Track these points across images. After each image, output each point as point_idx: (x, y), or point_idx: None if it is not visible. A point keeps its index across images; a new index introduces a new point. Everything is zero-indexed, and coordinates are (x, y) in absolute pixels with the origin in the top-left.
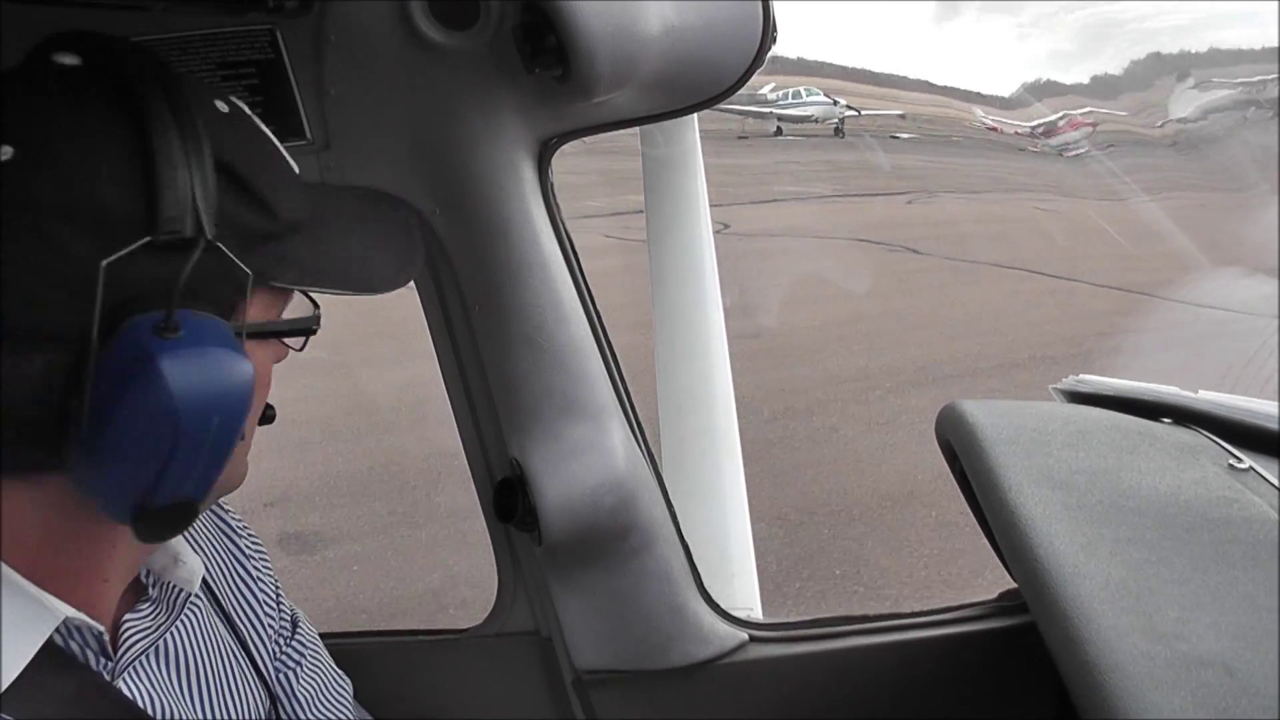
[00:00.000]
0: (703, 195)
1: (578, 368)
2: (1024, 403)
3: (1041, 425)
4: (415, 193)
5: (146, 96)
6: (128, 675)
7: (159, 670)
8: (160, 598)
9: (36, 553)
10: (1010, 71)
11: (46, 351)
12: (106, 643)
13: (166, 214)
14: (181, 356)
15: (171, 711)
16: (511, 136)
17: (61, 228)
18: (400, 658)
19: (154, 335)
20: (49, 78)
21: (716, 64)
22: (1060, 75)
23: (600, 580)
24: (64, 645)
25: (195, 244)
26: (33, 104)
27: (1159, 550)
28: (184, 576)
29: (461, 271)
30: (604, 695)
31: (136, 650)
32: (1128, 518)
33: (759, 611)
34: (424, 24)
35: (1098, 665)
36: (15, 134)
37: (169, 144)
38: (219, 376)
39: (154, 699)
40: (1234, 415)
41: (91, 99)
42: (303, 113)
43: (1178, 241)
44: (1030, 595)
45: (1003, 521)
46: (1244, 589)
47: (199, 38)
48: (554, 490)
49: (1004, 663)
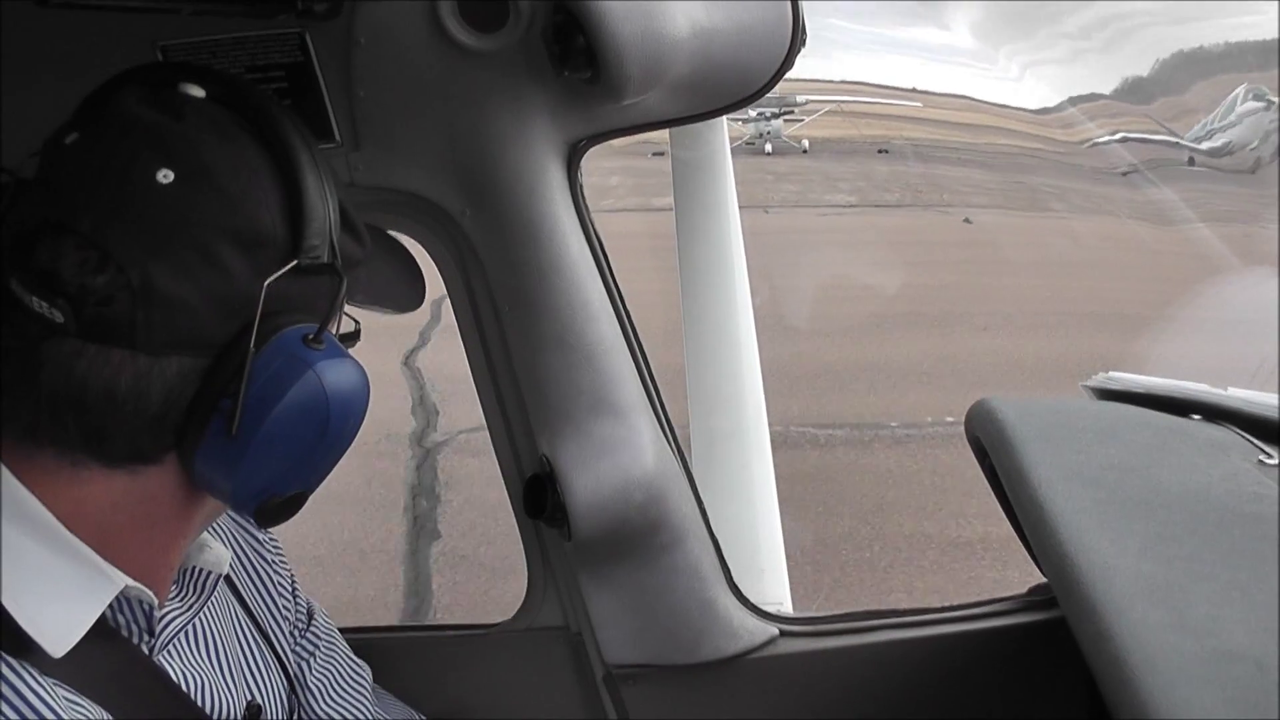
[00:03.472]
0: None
1: (607, 366)
2: (1054, 399)
3: (1071, 422)
4: (445, 194)
5: (280, 129)
6: (166, 654)
7: (192, 650)
8: (186, 582)
9: (115, 535)
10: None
11: (185, 355)
12: (156, 618)
13: (311, 241)
14: (330, 364)
15: (206, 689)
16: (541, 138)
17: (222, 246)
18: (429, 652)
19: (305, 345)
20: (183, 106)
21: (745, 66)
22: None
23: (630, 576)
24: (112, 619)
25: (331, 269)
26: (184, 132)
27: (1189, 546)
28: (211, 561)
29: (491, 272)
30: (634, 690)
31: (173, 629)
32: (1158, 514)
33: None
34: (453, 26)
35: (1128, 660)
36: (170, 158)
37: (309, 175)
38: (356, 381)
39: (189, 677)
40: (1264, 412)
41: (235, 130)
42: (332, 115)
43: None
44: (1060, 591)
45: (1032, 518)
46: (1274, 584)
47: (228, 41)
48: (583, 486)
49: (1034, 658)
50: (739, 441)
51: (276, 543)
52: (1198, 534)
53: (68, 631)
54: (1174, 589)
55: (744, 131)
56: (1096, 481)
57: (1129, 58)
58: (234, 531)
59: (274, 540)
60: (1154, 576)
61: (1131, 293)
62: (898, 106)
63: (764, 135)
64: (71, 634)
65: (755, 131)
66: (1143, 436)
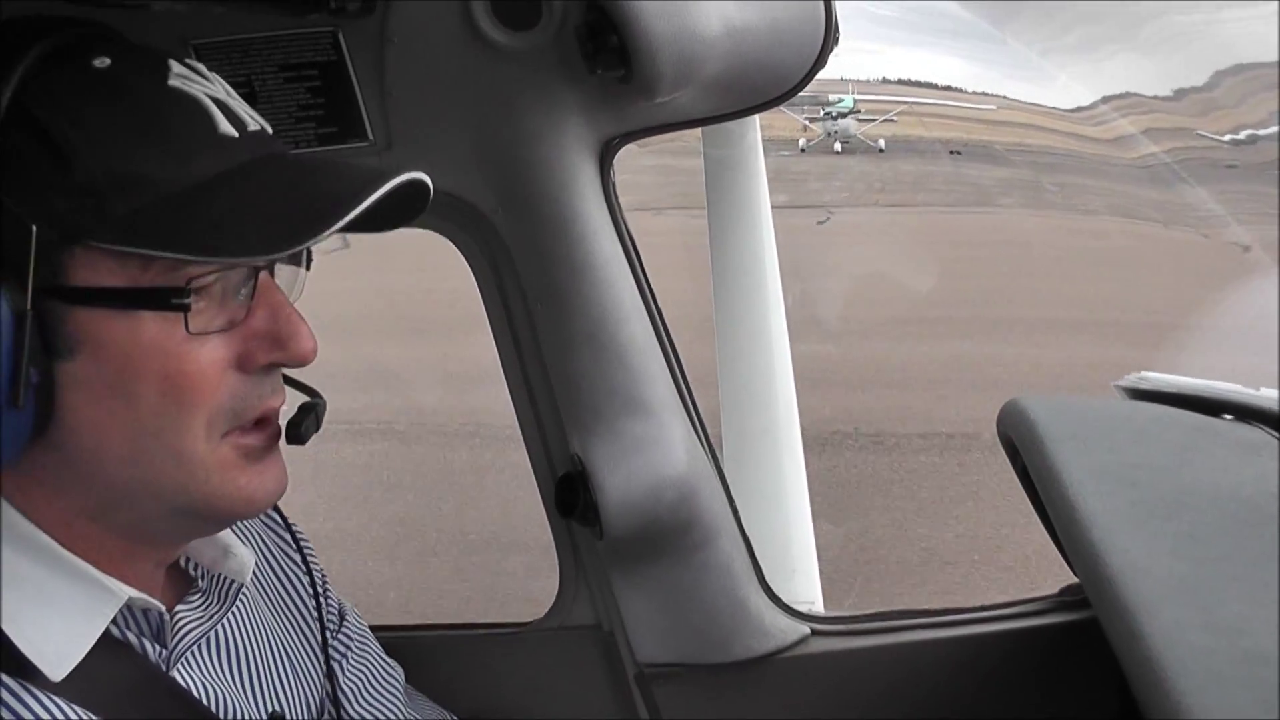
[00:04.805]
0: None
1: (639, 365)
2: (1086, 399)
3: (1103, 421)
4: (477, 192)
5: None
6: (181, 665)
7: (211, 661)
8: (210, 589)
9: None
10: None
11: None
12: (167, 626)
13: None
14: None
15: (225, 702)
16: (573, 136)
17: None
18: (460, 651)
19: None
20: None
21: (778, 65)
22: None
23: (662, 574)
24: (120, 634)
25: None
26: None
27: (1221, 546)
28: (235, 568)
29: (523, 270)
30: (666, 689)
31: (190, 640)
32: (1189, 514)
33: (820, 605)
34: (486, 24)
35: (1159, 661)
36: None
37: None
38: None
39: (207, 689)
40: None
41: None
42: (365, 113)
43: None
44: (1092, 590)
45: (1064, 517)
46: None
47: (261, 39)
48: (615, 485)
49: (1066, 658)
50: (771, 440)
51: (307, 542)
52: (1229, 534)
53: (70, 651)
54: (1205, 589)
55: (816, 131)
56: (1128, 481)
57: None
58: (262, 534)
59: (306, 541)
60: (1186, 576)
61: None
62: (970, 109)
63: (832, 134)
64: (73, 653)
65: (824, 130)
66: (1174, 436)
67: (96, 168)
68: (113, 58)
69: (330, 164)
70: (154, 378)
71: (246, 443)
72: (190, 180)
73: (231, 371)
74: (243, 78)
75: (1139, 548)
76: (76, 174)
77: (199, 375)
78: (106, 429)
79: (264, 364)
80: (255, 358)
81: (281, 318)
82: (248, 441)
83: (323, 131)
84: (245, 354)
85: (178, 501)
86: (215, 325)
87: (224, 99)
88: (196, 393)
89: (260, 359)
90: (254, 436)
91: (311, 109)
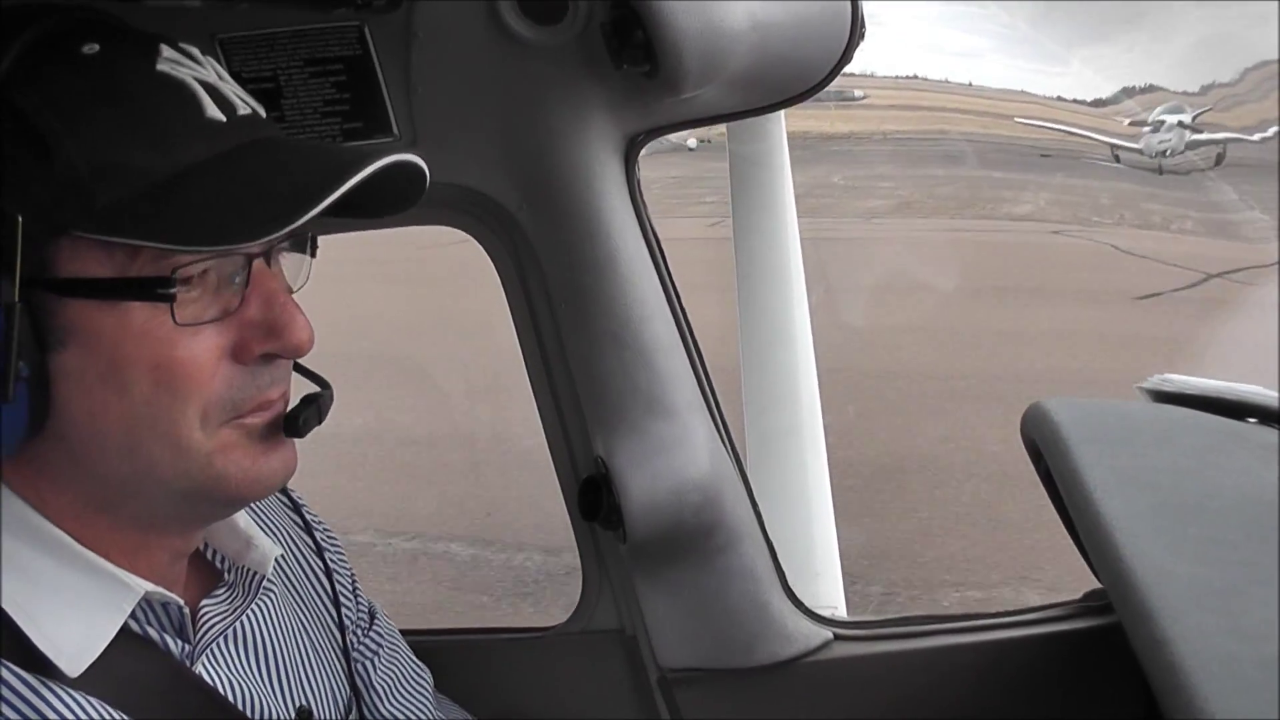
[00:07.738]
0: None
1: (663, 365)
2: (1109, 402)
3: (1126, 425)
4: (501, 189)
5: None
6: (205, 660)
7: (236, 655)
8: (236, 582)
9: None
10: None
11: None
12: (188, 621)
13: None
14: None
15: (251, 696)
16: (598, 132)
17: None
18: (484, 655)
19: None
20: None
21: (804, 60)
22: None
23: (685, 578)
24: (140, 629)
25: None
26: None
27: (1245, 551)
28: (257, 560)
29: (547, 267)
30: (688, 693)
31: (214, 633)
32: (1213, 518)
33: (843, 610)
34: (512, 20)
35: (1183, 666)
36: None
37: None
38: None
39: (232, 683)
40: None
41: None
42: (390, 109)
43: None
44: (1116, 595)
45: (1088, 521)
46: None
47: (287, 34)
48: (638, 488)
49: (1090, 663)
50: (795, 443)
51: (337, 545)
52: (1253, 538)
53: (87, 646)
54: (1229, 594)
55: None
56: (1152, 485)
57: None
58: (294, 536)
59: (334, 541)
60: (1209, 581)
61: None
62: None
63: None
64: (91, 648)
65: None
66: (1198, 439)
67: (79, 158)
68: (102, 44)
69: (322, 147)
70: (145, 367)
71: (249, 422)
72: (174, 168)
73: (227, 361)
74: (269, 72)
75: (1162, 552)
76: (59, 164)
77: (191, 363)
78: (103, 420)
79: (259, 354)
80: (250, 347)
81: (276, 306)
82: (251, 421)
83: (348, 126)
84: (240, 343)
85: (182, 486)
86: (208, 315)
87: (214, 83)
88: (188, 381)
89: (255, 349)
90: (256, 417)
91: (337, 104)
